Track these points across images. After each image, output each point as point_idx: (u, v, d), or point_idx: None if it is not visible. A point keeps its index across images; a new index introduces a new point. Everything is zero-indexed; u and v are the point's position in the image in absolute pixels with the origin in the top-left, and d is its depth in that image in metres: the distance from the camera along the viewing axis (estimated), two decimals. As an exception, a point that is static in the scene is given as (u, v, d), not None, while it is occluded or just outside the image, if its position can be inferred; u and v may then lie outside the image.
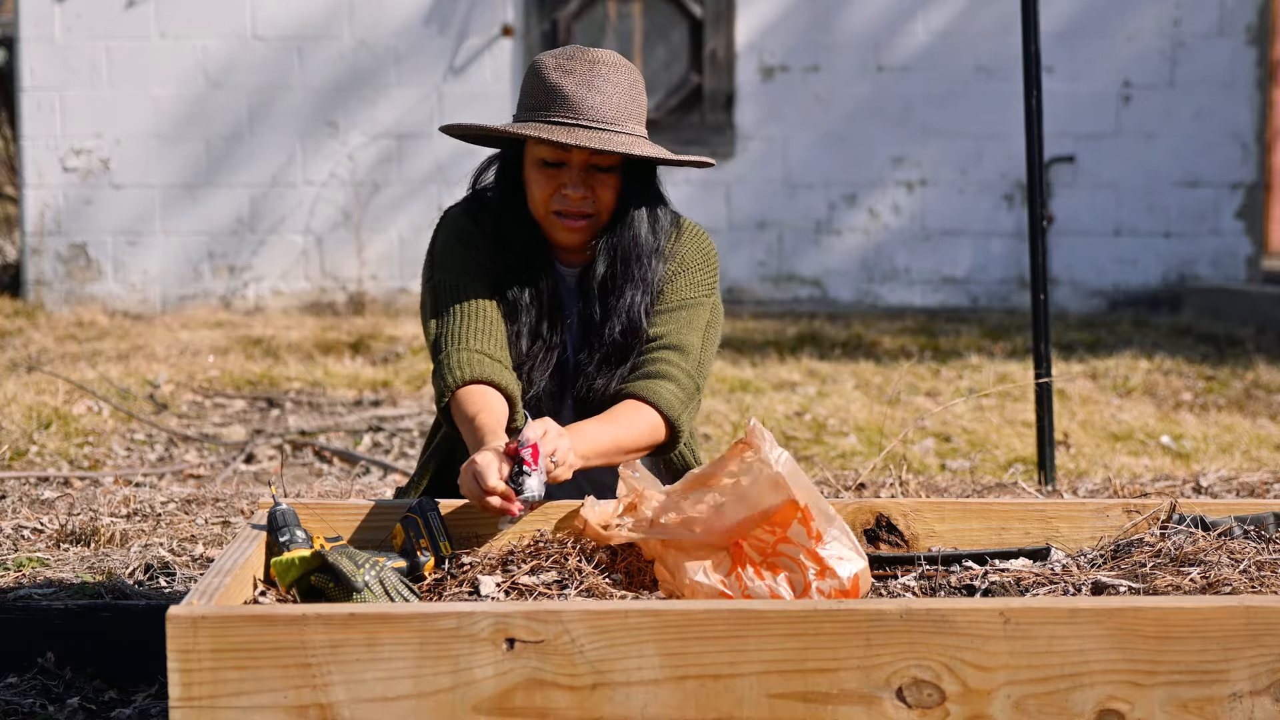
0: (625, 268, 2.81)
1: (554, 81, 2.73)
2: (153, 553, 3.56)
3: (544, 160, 2.76)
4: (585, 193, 2.76)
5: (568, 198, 2.76)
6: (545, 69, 2.75)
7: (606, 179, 2.77)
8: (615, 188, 2.78)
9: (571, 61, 2.75)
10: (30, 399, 5.77)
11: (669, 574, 2.45)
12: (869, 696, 2.03)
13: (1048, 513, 2.74)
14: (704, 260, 2.91)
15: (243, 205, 9.64)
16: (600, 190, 2.77)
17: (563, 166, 2.76)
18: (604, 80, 2.73)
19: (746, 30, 9.66)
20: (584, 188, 2.76)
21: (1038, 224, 4.26)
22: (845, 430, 5.67)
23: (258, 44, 9.54)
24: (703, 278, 2.90)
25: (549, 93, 2.73)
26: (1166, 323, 9.03)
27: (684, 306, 2.87)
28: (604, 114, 2.71)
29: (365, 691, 1.99)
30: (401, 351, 7.66)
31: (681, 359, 2.82)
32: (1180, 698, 2.04)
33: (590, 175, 2.76)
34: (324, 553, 2.36)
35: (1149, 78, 9.69)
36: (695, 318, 2.87)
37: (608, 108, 2.72)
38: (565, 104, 2.72)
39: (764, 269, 9.77)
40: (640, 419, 2.74)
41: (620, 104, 2.73)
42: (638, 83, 2.79)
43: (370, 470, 5.14)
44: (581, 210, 2.77)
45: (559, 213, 2.78)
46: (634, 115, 2.76)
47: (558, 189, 2.76)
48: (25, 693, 2.84)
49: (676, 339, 2.83)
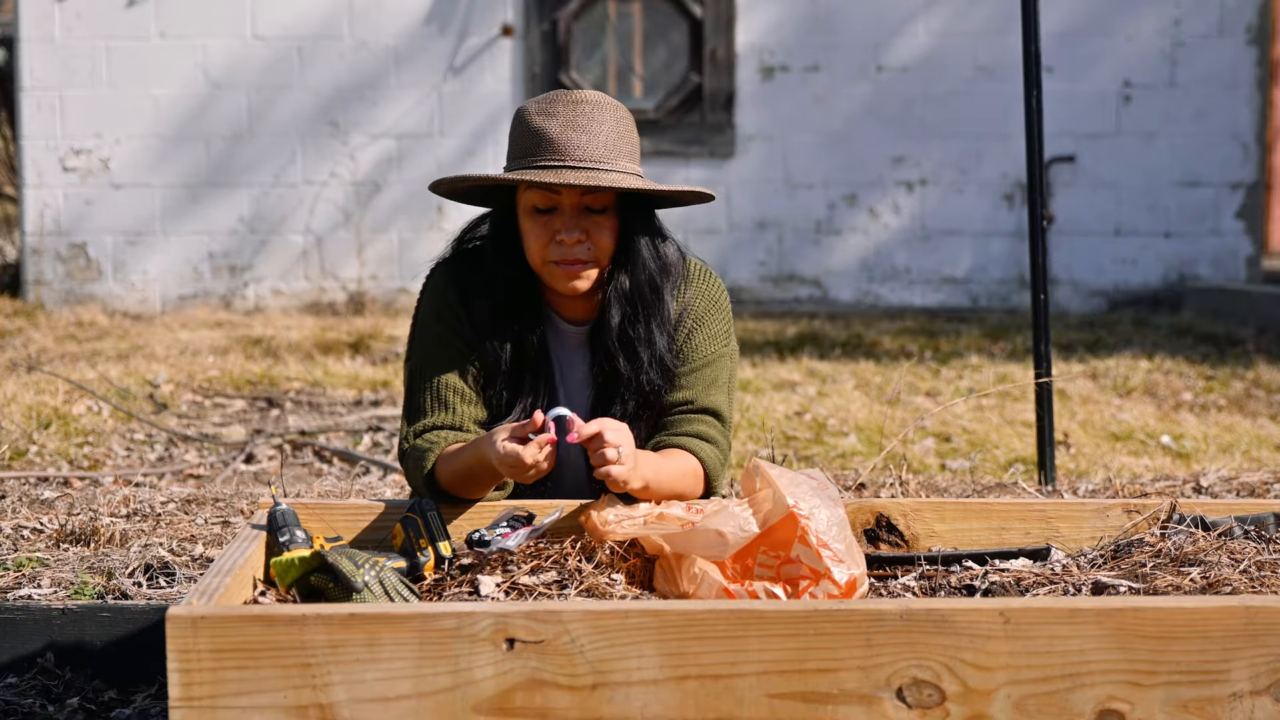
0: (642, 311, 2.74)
1: (537, 126, 2.65)
2: (153, 553, 3.56)
3: (536, 207, 2.68)
4: (580, 237, 2.67)
5: (563, 244, 2.67)
6: (528, 115, 2.68)
7: (602, 221, 2.69)
8: (612, 230, 2.70)
9: (554, 105, 2.67)
10: (30, 399, 5.77)
11: (669, 571, 2.45)
12: (869, 697, 2.03)
13: (1048, 513, 2.74)
14: (716, 308, 2.85)
15: (243, 205, 9.64)
16: (596, 234, 2.69)
17: (555, 212, 2.68)
18: (588, 119, 2.65)
19: (747, 30, 9.66)
20: (579, 231, 2.67)
21: (1038, 224, 4.26)
22: (845, 430, 5.67)
23: (258, 44, 9.54)
24: (719, 328, 2.85)
25: (533, 138, 2.65)
26: (1166, 323, 9.03)
27: (706, 364, 2.81)
28: (591, 153, 2.63)
29: (365, 691, 1.99)
30: (401, 351, 7.67)
31: (718, 422, 2.80)
32: (1180, 698, 2.04)
33: (584, 218, 2.68)
34: (324, 553, 2.36)
35: (1149, 78, 9.68)
36: (719, 375, 2.82)
37: (594, 147, 2.64)
38: (551, 147, 2.63)
39: (764, 269, 9.77)
40: (690, 467, 2.72)
41: (608, 142, 2.65)
42: (625, 119, 2.70)
43: (370, 470, 5.13)
44: (578, 257, 2.68)
45: (556, 262, 2.69)
46: (624, 153, 2.67)
47: (552, 237, 2.68)
48: (25, 693, 2.84)
49: (707, 401, 2.79)
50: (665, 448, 2.74)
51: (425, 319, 2.83)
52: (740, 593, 2.36)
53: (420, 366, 2.81)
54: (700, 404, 2.79)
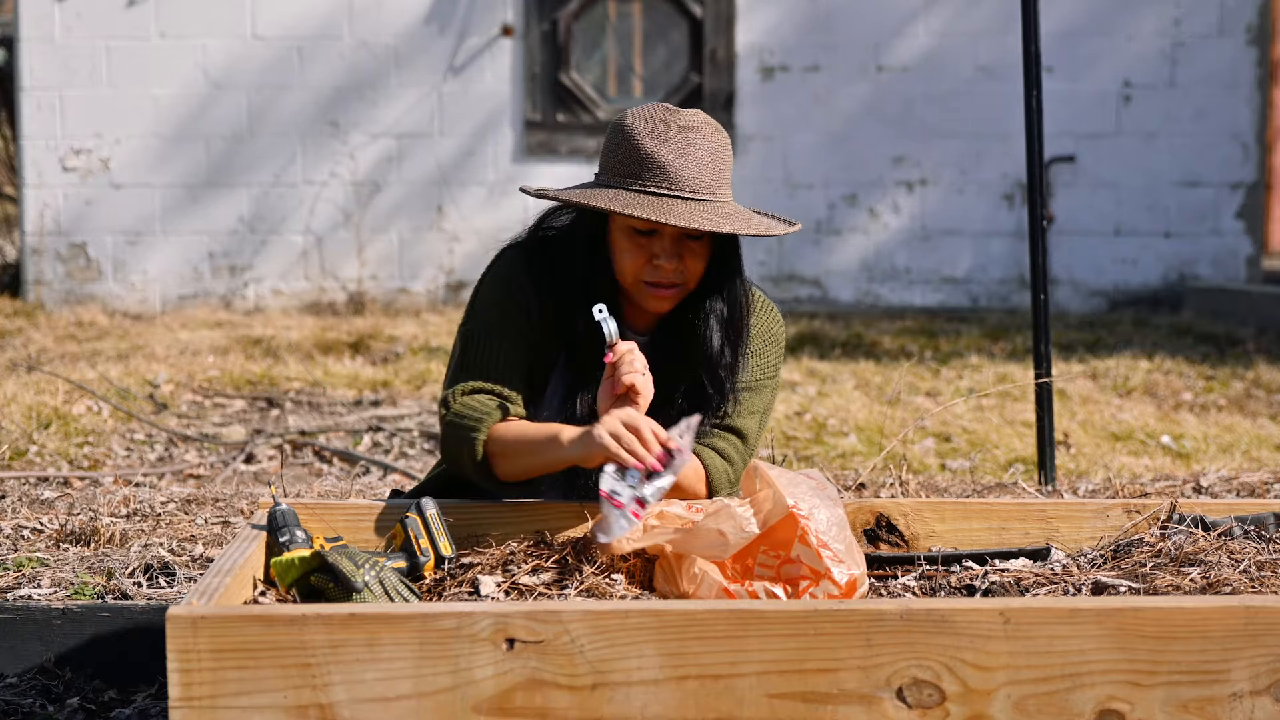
0: (732, 337, 2.78)
1: (648, 150, 2.64)
2: (153, 553, 3.56)
3: (635, 229, 2.69)
4: (678, 264, 2.69)
5: (660, 269, 2.69)
6: (638, 135, 2.67)
7: (698, 248, 2.70)
8: (706, 257, 2.72)
9: (665, 129, 2.66)
10: (30, 399, 5.77)
11: (669, 571, 2.45)
12: (869, 697, 2.03)
13: (1048, 513, 2.74)
14: (773, 341, 2.88)
15: (243, 205, 9.64)
16: (692, 261, 2.70)
17: (654, 235, 2.69)
18: (698, 147, 2.65)
19: (747, 30, 9.66)
20: (676, 259, 2.69)
21: (1038, 224, 4.26)
22: (845, 430, 5.67)
23: (258, 44, 9.53)
24: (770, 359, 2.87)
25: (642, 161, 2.65)
26: (1166, 323, 9.03)
27: (748, 389, 2.83)
28: (700, 183, 2.64)
29: (365, 691, 1.99)
30: (401, 351, 7.66)
31: (740, 443, 2.81)
32: (1180, 698, 2.04)
33: (682, 245, 2.69)
34: (324, 553, 2.36)
35: (1149, 78, 9.68)
36: (757, 402, 2.84)
37: (703, 176, 2.64)
38: (661, 175, 2.64)
39: (764, 269, 9.77)
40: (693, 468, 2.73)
41: (714, 170, 2.66)
42: (726, 145, 2.71)
43: (370, 470, 5.13)
44: (673, 281, 2.70)
45: (649, 283, 2.71)
46: (725, 180, 2.69)
47: (649, 259, 2.69)
48: (25, 693, 2.84)
49: (738, 422, 2.81)
50: None
51: (492, 292, 2.80)
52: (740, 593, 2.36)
53: (477, 333, 2.78)
54: (729, 423, 2.80)
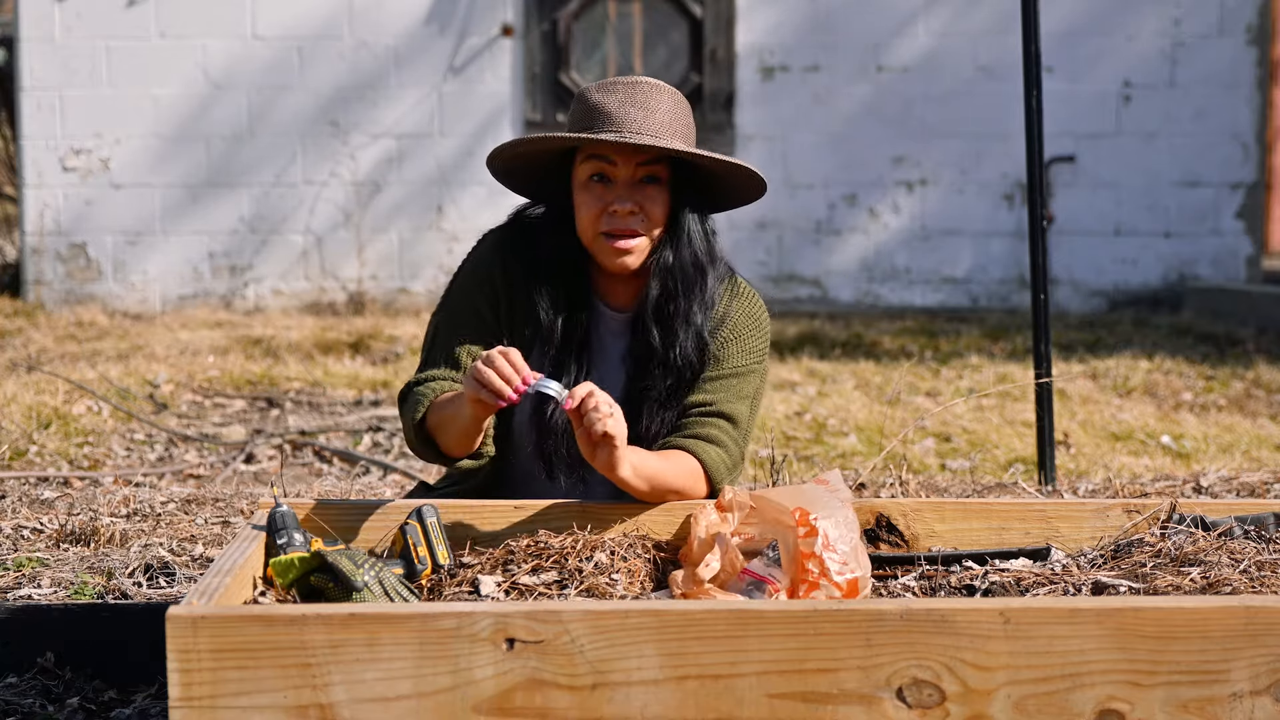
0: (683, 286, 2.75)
1: (596, 101, 2.70)
2: (153, 553, 3.56)
3: (591, 175, 2.71)
4: (633, 207, 2.69)
5: (616, 214, 2.70)
6: (588, 93, 2.73)
7: (655, 193, 2.71)
8: (664, 203, 2.72)
9: (614, 85, 2.72)
10: (30, 399, 5.77)
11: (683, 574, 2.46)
12: (869, 697, 2.03)
13: (1048, 513, 2.74)
14: (756, 326, 2.86)
15: (243, 205, 9.64)
16: (649, 205, 2.71)
17: (609, 184, 2.70)
18: (647, 97, 2.69)
19: (747, 30, 9.66)
20: (631, 202, 2.69)
21: (1038, 224, 4.26)
22: (845, 430, 5.67)
23: (258, 44, 9.53)
24: (755, 344, 2.85)
25: (592, 112, 2.69)
26: (1166, 323, 9.03)
27: (735, 374, 2.82)
28: (649, 128, 2.67)
29: (365, 691, 1.99)
30: (401, 351, 7.67)
31: (730, 427, 2.79)
32: (1180, 698, 2.04)
33: (638, 190, 2.70)
34: (323, 553, 2.35)
35: (1149, 78, 9.69)
36: (745, 386, 2.82)
37: (652, 123, 2.67)
38: (609, 120, 2.67)
39: (764, 269, 9.77)
40: (687, 468, 2.71)
41: (665, 121, 2.68)
42: (683, 104, 2.74)
43: (370, 470, 5.13)
44: (630, 227, 2.70)
45: (607, 233, 2.71)
46: (680, 133, 2.70)
47: (605, 208, 2.70)
48: (25, 693, 2.84)
49: (726, 407, 2.79)
50: (668, 449, 2.74)
51: (463, 284, 2.84)
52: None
53: (442, 325, 2.83)
54: (718, 408, 2.78)
